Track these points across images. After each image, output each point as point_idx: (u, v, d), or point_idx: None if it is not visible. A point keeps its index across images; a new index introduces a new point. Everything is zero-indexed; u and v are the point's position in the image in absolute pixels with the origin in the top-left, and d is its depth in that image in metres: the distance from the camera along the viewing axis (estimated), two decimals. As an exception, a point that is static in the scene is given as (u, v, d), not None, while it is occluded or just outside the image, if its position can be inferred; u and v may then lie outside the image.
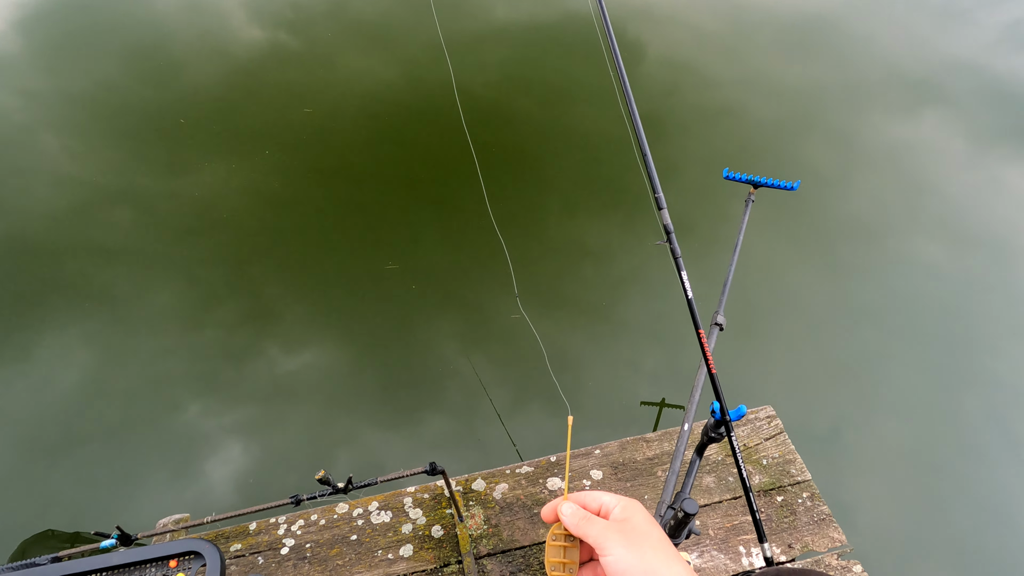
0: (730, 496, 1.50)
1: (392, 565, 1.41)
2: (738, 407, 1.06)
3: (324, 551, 1.43)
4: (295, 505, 1.13)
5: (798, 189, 1.51)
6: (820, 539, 1.43)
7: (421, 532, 1.46)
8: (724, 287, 1.42)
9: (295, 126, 2.89)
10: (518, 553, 1.42)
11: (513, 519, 1.47)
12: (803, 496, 1.50)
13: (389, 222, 2.55)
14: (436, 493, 1.52)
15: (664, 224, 0.99)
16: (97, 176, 2.73)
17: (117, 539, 1.07)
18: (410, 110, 2.98)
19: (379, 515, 1.49)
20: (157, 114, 2.95)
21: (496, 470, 1.56)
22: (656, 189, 0.98)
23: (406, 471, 1.18)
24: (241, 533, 1.47)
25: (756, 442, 1.59)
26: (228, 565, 1.41)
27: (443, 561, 1.41)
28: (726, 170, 1.58)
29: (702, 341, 1.04)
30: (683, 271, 1.00)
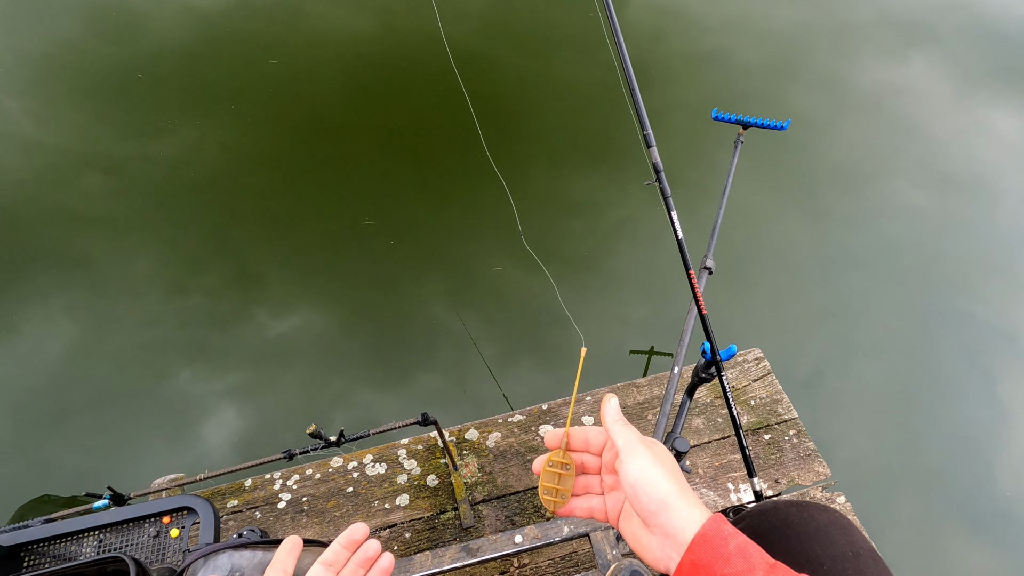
0: (719, 436, 1.53)
1: (389, 514, 1.43)
2: (728, 346, 1.07)
3: (321, 504, 1.45)
4: (288, 460, 1.13)
5: (788, 129, 1.49)
6: (806, 473, 1.48)
7: (416, 482, 1.48)
8: (713, 230, 1.40)
9: (265, 80, 2.77)
10: (513, 498, 1.45)
11: (507, 466, 1.49)
12: (789, 434, 1.53)
13: (368, 178, 2.49)
14: (430, 444, 1.54)
15: (653, 163, 0.97)
16: (64, 140, 2.61)
17: (110, 499, 1.07)
18: (387, 60, 2.86)
19: (374, 467, 1.50)
20: (122, 73, 2.80)
21: (488, 420, 1.57)
22: (645, 126, 0.95)
23: (398, 423, 1.18)
24: (237, 490, 1.48)
25: (744, 383, 1.62)
26: (226, 520, 1.42)
27: (439, 508, 1.43)
28: (715, 110, 1.55)
29: (692, 282, 1.03)
30: (673, 211, 0.98)
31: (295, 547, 0.63)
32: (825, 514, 0.60)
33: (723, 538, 0.44)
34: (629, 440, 0.49)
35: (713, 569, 0.43)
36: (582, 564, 1.34)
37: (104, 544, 0.79)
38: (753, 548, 0.44)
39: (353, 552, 0.61)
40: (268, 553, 0.77)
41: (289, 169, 2.50)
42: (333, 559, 0.59)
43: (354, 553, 0.61)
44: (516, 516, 1.42)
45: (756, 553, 0.44)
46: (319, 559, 0.60)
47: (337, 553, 0.60)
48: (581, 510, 0.54)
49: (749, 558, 0.43)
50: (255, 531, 0.78)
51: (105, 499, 1.09)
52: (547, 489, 0.53)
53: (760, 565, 0.43)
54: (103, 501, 1.09)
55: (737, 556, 0.43)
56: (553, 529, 1.17)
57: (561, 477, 0.53)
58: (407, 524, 1.42)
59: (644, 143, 0.95)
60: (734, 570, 0.42)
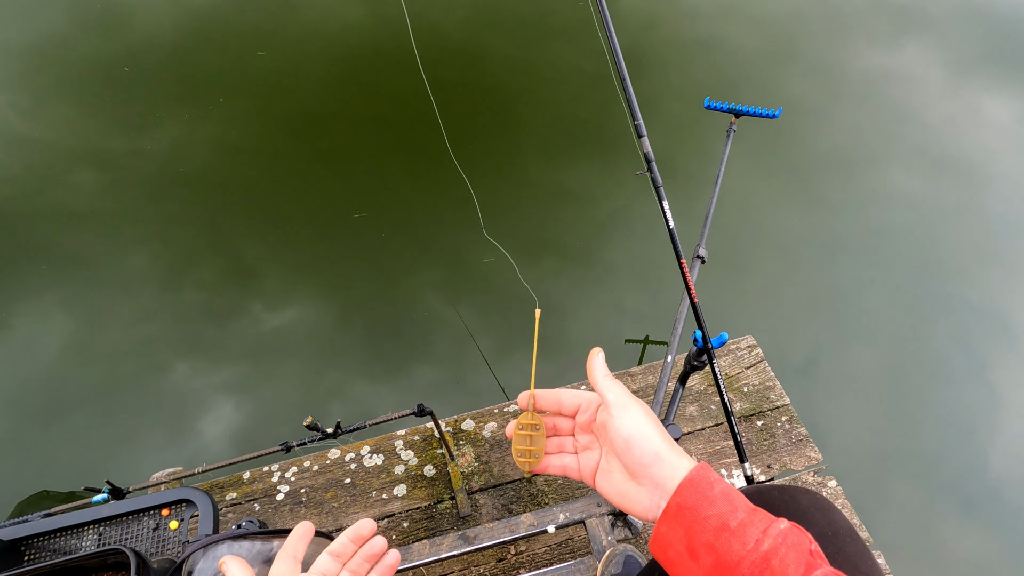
0: (712, 423, 1.55)
1: (387, 504, 1.45)
2: (720, 334, 1.07)
3: (319, 495, 1.46)
4: (285, 452, 1.14)
5: (780, 117, 1.49)
6: (798, 459, 1.49)
7: (414, 472, 1.49)
8: (706, 219, 1.41)
9: (255, 72, 2.75)
10: (509, 487, 1.46)
11: (503, 455, 1.51)
12: (782, 420, 1.55)
13: (360, 169, 2.48)
14: (427, 435, 1.55)
15: (644, 152, 0.97)
16: (53, 135, 2.59)
17: (108, 493, 1.08)
18: (377, 50, 2.84)
19: (371, 458, 1.51)
20: (109, 66, 2.78)
21: (484, 410, 1.59)
22: (636, 116, 0.95)
23: (394, 414, 1.19)
24: (235, 483, 1.49)
25: (737, 371, 1.63)
26: (225, 513, 1.44)
27: (437, 498, 1.45)
28: (707, 99, 1.55)
29: (684, 271, 1.04)
30: (664, 200, 0.98)
31: (307, 533, 0.64)
32: (806, 496, 0.62)
33: (709, 483, 0.46)
34: (619, 395, 0.51)
35: (698, 511, 0.45)
36: (578, 550, 1.36)
37: (104, 537, 0.80)
38: (736, 494, 0.46)
39: (360, 547, 0.62)
40: (268, 543, 0.78)
41: (281, 162, 2.49)
42: (340, 551, 0.60)
43: (360, 547, 0.62)
44: (513, 504, 1.44)
45: (739, 498, 0.46)
46: (327, 549, 0.61)
47: (344, 546, 0.61)
48: (555, 468, 0.55)
49: (732, 502, 0.45)
50: (254, 522, 0.79)
51: (104, 493, 1.09)
52: (520, 451, 0.55)
53: (742, 508, 0.45)
54: (102, 495, 1.09)
55: (721, 499, 0.45)
56: (549, 516, 1.19)
57: (532, 438, 0.55)
58: (405, 514, 1.43)
59: (635, 133, 0.95)
60: (717, 511, 0.44)
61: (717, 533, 0.44)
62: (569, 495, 1.44)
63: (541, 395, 0.56)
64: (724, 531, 0.44)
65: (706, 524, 0.44)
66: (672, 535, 0.46)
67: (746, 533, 0.43)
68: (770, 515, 0.45)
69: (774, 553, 0.42)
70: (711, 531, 0.44)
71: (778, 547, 0.42)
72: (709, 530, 0.44)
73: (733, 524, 0.44)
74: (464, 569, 1.35)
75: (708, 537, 0.44)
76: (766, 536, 0.43)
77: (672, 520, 0.46)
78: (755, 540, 0.43)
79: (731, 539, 0.43)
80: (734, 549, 0.43)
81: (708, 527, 0.44)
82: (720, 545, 0.43)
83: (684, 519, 0.45)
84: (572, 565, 1.15)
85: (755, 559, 0.42)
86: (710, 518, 0.44)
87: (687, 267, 1.03)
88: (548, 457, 0.56)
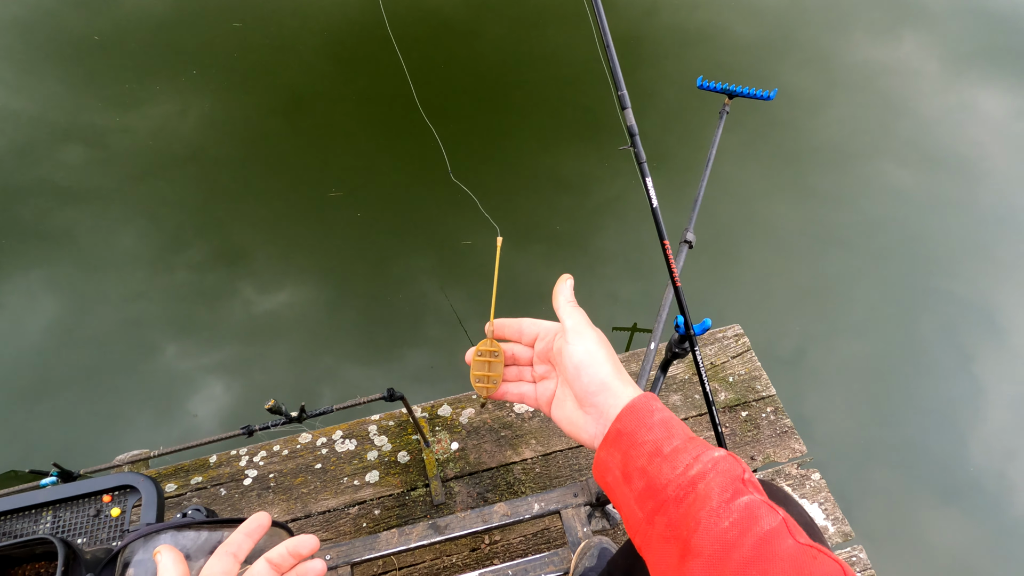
0: (695, 413, 1.51)
1: (358, 491, 1.40)
2: (702, 320, 1.03)
3: (288, 480, 1.41)
4: (248, 436, 1.09)
5: (774, 99, 1.44)
6: (782, 450, 1.46)
7: (387, 458, 1.44)
8: (695, 203, 1.36)
9: (244, 48, 2.66)
10: (485, 475, 1.42)
11: (480, 442, 1.46)
12: (767, 411, 1.52)
13: (350, 150, 2.42)
14: (401, 420, 1.50)
15: (628, 125, 0.92)
16: (40, 110, 2.52)
17: (58, 475, 1.02)
18: (367, 29, 2.76)
19: (343, 443, 1.46)
20: (97, 41, 2.68)
21: (462, 395, 1.54)
22: (620, 86, 0.89)
23: (363, 398, 1.14)
24: (202, 466, 1.44)
25: (723, 360, 1.60)
26: (190, 498, 1.38)
27: (410, 485, 1.40)
28: (700, 79, 1.49)
29: (667, 253, 0.99)
30: (647, 177, 0.93)
31: (259, 529, 0.57)
32: (765, 488, 0.60)
33: (650, 411, 0.46)
34: (578, 322, 0.50)
35: (635, 436, 0.45)
36: (553, 541, 1.32)
37: (41, 523, 0.75)
38: (676, 423, 0.46)
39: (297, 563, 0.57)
40: (215, 533, 0.73)
41: (273, 141, 2.44)
42: (279, 562, 0.55)
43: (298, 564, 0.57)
44: (488, 493, 1.40)
45: (678, 427, 0.46)
46: (266, 555, 0.55)
47: (283, 557, 0.55)
48: (512, 395, 0.55)
49: (670, 429, 0.45)
50: (200, 510, 0.74)
51: (52, 476, 1.04)
52: (478, 377, 0.55)
53: (679, 436, 0.45)
54: (50, 479, 1.04)
55: (659, 426, 0.45)
56: (524, 506, 1.15)
57: (491, 364, 0.55)
58: (377, 501, 1.39)
59: (619, 104, 0.89)
60: (653, 437, 0.45)
61: (651, 458, 0.44)
62: (546, 484, 1.40)
63: (504, 323, 0.56)
64: (657, 456, 0.44)
65: (641, 449, 0.45)
66: (611, 460, 0.46)
67: (678, 458, 0.43)
68: (708, 444, 0.45)
69: (701, 477, 0.42)
70: (645, 456, 0.44)
71: (707, 472, 0.42)
72: (643, 455, 0.44)
73: (667, 450, 0.44)
74: (436, 558, 1.31)
75: (642, 462, 0.44)
76: (697, 461, 0.43)
77: (611, 445, 0.46)
78: (685, 465, 0.43)
79: (663, 463, 0.43)
80: (664, 473, 0.43)
81: (643, 452, 0.44)
82: (652, 469, 0.44)
83: (622, 444, 0.46)
84: (546, 556, 1.12)
85: (682, 482, 0.42)
86: (646, 443, 0.45)
87: (670, 249, 0.98)
88: (506, 384, 0.56)
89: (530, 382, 0.55)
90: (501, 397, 0.55)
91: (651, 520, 0.43)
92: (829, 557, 0.37)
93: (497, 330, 0.56)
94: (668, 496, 0.42)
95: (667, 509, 0.42)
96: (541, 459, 1.44)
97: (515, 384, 0.56)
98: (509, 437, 1.47)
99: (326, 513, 1.38)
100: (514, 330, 0.56)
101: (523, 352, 0.56)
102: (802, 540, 0.38)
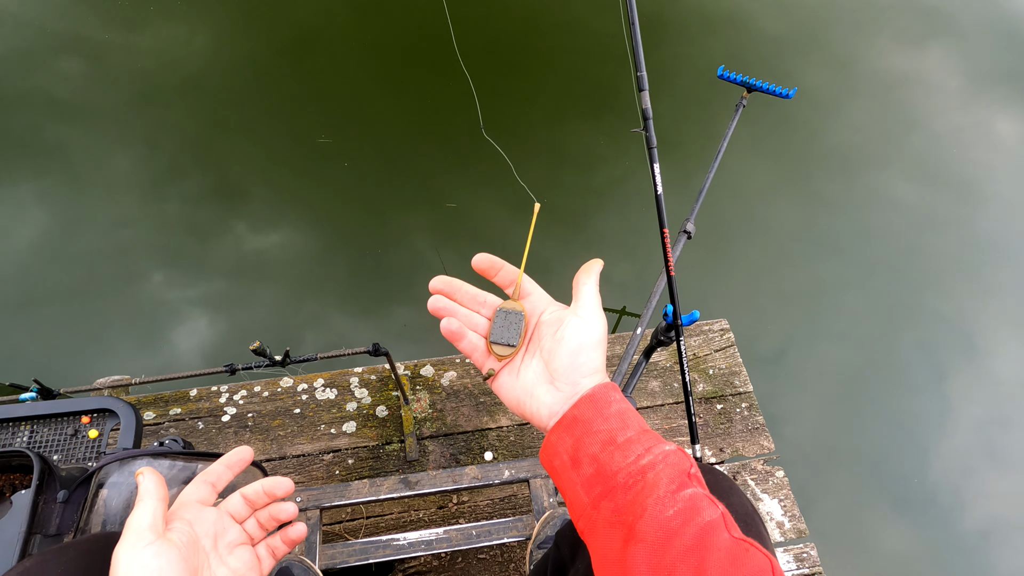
0: (672, 400, 1.54)
1: (334, 439, 1.42)
2: (691, 312, 1.04)
3: (266, 422, 1.43)
4: (230, 374, 1.10)
5: (793, 98, 1.42)
6: (750, 446, 1.50)
7: (366, 411, 1.46)
8: (700, 193, 1.36)
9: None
10: (460, 437, 1.45)
11: (459, 405, 1.49)
12: (742, 406, 1.55)
13: (355, 101, 2.36)
14: (383, 375, 1.52)
15: (642, 108, 0.91)
16: (40, 16, 2.42)
17: (37, 392, 1.03)
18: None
19: (324, 392, 1.48)
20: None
21: (446, 358, 1.56)
22: (640, 67, 0.88)
23: (348, 350, 1.14)
24: (181, 398, 1.45)
25: (706, 352, 1.62)
26: (167, 427, 1.40)
27: (385, 439, 1.43)
28: (721, 68, 1.47)
29: (664, 241, 0.99)
30: (655, 163, 0.93)
31: (240, 463, 0.57)
32: (710, 475, 0.62)
33: (608, 401, 0.47)
34: (599, 304, 0.51)
35: (590, 424, 0.46)
36: (520, 507, 1.36)
37: (18, 436, 0.75)
38: (632, 415, 0.47)
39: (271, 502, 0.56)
40: (190, 464, 0.75)
41: (280, 80, 2.38)
42: (254, 498, 0.55)
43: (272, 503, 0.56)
44: (462, 455, 1.43)
45: (634, 419, 0.47)
46: (241, 490, 0.56)
47: (258, 495, 0.54)
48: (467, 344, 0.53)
49: (626, 421, 0.46)
50: (178, 441, 0.75)
51: (32, 392, 1.04)
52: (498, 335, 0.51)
53: (633, 427, 0.46)
54: (30, 394, 1.04)
55: (615, 417, 0.46)
56: (494, 471, 1.18)
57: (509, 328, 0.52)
58: (351, 451, 1.41)
59: (636, 85, 0.88)
60: (608, 427, 0.46)
61: (604, 446, 0.45)
62: (518, 453, 1.44)
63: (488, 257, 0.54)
64: (610, 445, 0.45)
65: (595, 437, 0.46)
66: (560, 445, 0.47)
67: (630, 448, 0.45)
68: (660, 437, 0.46)
69: (651, 467, 0.43)
70: (598, 444, 0.45)
71: (656, 463, 0.43)
72: (597, 443, 0.45)
73: (620, 440, 0.45)
74: (404, 512, 1.34)
75: (594, 449, 0.45)
76: (648, 452, 0.44)
77: (563, 430, 0.47)
78: (636, 455, 0.44)
79: (615, 452, 0.45)
80: (615, 460, 0.44)
81: (596, 440, 0.45)
82: (604, 456, 0.45)
83: (575, 430, 0.46)
84: (511, 521, 1.15)
85: (632, 471, 0.43)
86: (600, 432, 0.46)
87: (668, 238, 0.99)
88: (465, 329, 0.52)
89: (483, 336, 0.53)
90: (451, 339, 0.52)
91: (597, 505, 0.44)
92: (760, 551, 0.39)
93: (477, 260, 0.53)
94: (618, 483, 0.43)
95: (615, 495, 0.43)
96: (516, 428, 1.47)
97: (473, 335, 0.53)
98: (488, 404, 1.49)
99: (301, 457, 1.40)
100: (494, 266, 0.53)
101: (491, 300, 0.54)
102: (736, 534, 0.40)
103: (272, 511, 0.56)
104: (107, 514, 0.65)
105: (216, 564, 0.51)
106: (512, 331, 0.51)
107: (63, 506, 0.64)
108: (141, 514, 0.48)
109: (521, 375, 0.50)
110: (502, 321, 0.51)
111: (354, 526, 1.31)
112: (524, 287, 0.53)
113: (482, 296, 0.54)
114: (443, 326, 0.51)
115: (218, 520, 0.53)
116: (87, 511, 0.64)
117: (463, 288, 0.54)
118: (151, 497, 0.49)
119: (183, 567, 0.47)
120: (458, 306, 0.54)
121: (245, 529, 0.55)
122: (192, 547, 0.49)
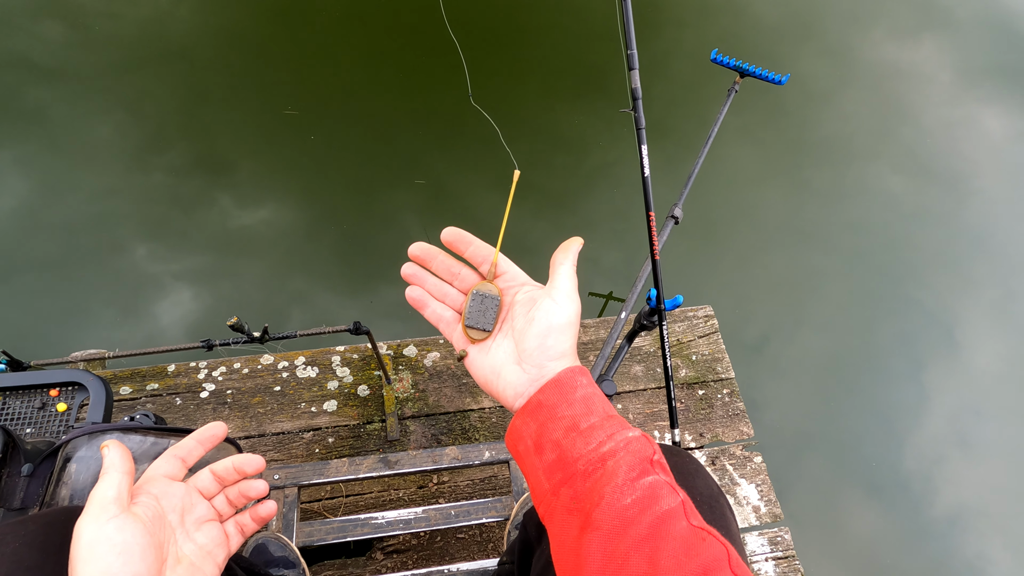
0: (655, 385, 1.55)
1: (315, 418, 1.41)
2: (675, 296, 1.04)
3: (246, 399, 1.42)
4: (207, 349, 1.08)
5: (786, 84, 1.41)
6: (730, 431, 1.52)
7: (347, 390, 1.45)
8: (688, 179, 1.35)
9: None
10: (442, 418, 1.45)
11: (441, 386, 1.48)
12: (723, 392, 1.56)
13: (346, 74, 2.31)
14: (366, 355, 1.51)
15: (632, 88, 0.89)
16: None
17: (6, 364, 1.00)
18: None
19: (305, 370, 1.47)
20: None
21: (429, 338, 1.55)
22: (630, 45, 0.86)
23: (328, 327, 1.13)
24: (159, 373, 1.43)
25: (690, 338, 1.63)
26: (143, 402, 1.38)
27: (367, 419, 1.42)
28: (715, 52, 1.45)
29: (651, 225, 0.98)
30: (643, 144, 0.91)
31: (212, 439, 0.56)
32: (676, 457, 0.62)
33: (573, 386, 0.46)
34: (574, 286, 0.50)
35: (555, 410, 0.46)
36: (500, 488, 1.36)
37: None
38: (598, 400, 0.46)
39: (242, 479, 0.55)
40: (161, 440, 0.73)
41: (269, 51, 2.32)
42: (224, 475, 0.54)
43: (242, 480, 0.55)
44: (443, 435, 1.43)
45: (599, 405, 0.46)
46: (211, 467, 0.55)
47: (228, 471, 0.53)
48: (430, 312, 0.53)
49: (590, 406, 0.46)
50: (149, 416, 0.74)
51: (1, 364, 1.02)
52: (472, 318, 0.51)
53: (598, 413, 0.45)
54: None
55: (580, 402, 0.46)
56: (475, 452, 1.18)
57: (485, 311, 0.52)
58: (331, 430, 1.41)
59: (626, 64, 0.86)
60: (572, 413, 0.45)
61: (567, 432, 0.45)
62: (500, 435, 1.44)
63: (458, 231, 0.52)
64: (573, 431, 0.45)
65: (559, 423, 0.45)
66: (525, 429, 0.47)
67: (592, 434, 0.44)
68: (626, 424, 0.46)
69: (612, 455, 0.43)
70: (562, 430, 0.45)
71: (618, 450, 0.43)
72: (560, 429, 0.45)
73: (583, 426, 0.45)
74: (383, 491, 1.34)
75: (557, 435, 0.45)
76: (610, 439, 0.44)
77: (528, 415, 0.47)
78: (598, 442, 0.44)
79: (577, 438, 0.44)
80: (577, 447, 0.44)
81: (560, 426, 0.45)
82: (566, 442, 0.44)
83: (540, 415, 0.46)
84: (490, 502, 1.15)
85: (592, 458, 0.43)
86: (564, 418, 0.45)
87: (654, 221, 0.98)
88: (430, 301, 0.53)
89: (455, 310, 0.53)
90: (415, 306, 0.53)
91: (556, 491, 0.44)
92: (717, 540, 0.39)
93: (446, 234, 0.52)
94: (577, 470, 0.43)
95: (574, 482, 0.43)
96: (498, 410, 1.47)
97: (439, 305, 0.53)
98: (470, 385, 1.49)
99: (280, 435, 1.39)
100: (462, 239, 0.53)
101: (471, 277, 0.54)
102: (695, 523, 0.40)
103: (242, 488, 0.55)
104: (74, 488, 0.64)
105: (183, 539, 0.50)
106: (488, 316, 0.50)
107: (28, 479, 0.62)
108: (105, 487, 0.46)
109: (491, 353, 0.50)
110: (478, 305, 0.51)
111: (333, 504, 1.31)
112: (500, 265, 0.52)
113: (457, 267, 0.53)
114: (407, 293, 0.51)
115: (186, 495, 0.52)
116: (53, 485, 0.62)
117: (439, 257, 0.53)
118: (116, 470, 0.48)
119: (148, 541, 0.46)
120: (428, 274, 0.53)
121: (213, 505, 0.54)
122: (158, 522, 0.48)
